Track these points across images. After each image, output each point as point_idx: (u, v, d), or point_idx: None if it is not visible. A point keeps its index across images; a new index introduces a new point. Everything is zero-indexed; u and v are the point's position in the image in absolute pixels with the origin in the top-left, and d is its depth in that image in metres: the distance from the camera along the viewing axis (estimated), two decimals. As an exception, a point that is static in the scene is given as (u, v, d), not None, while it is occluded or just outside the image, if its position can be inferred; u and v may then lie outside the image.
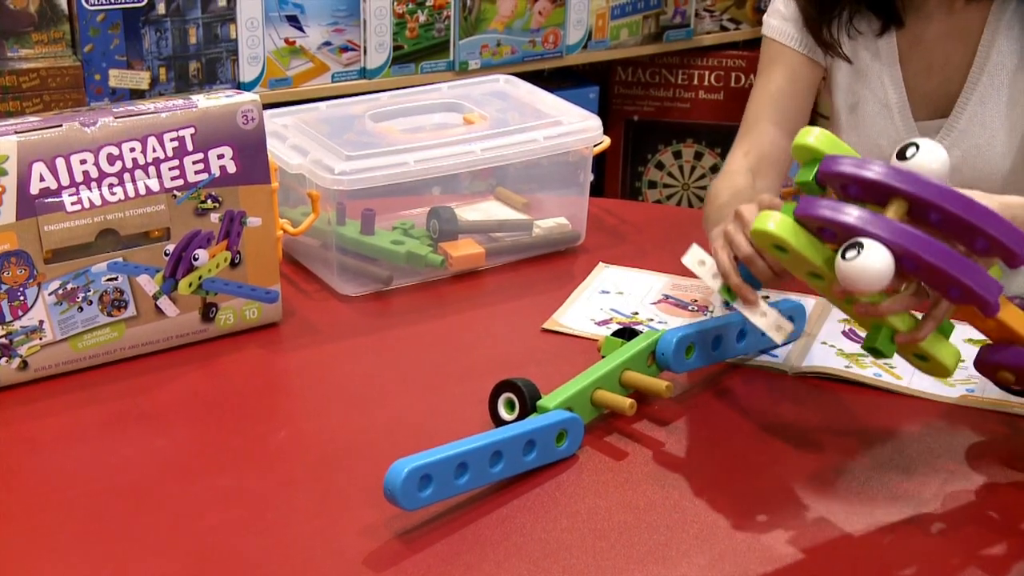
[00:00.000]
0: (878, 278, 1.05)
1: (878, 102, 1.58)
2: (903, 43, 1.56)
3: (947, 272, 1.04)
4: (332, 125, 1.56)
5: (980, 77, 1.52)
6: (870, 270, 1.04)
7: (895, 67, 1.56)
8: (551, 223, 1.61)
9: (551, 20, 2.58)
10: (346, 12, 2.38)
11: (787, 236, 1.11)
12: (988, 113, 1.52)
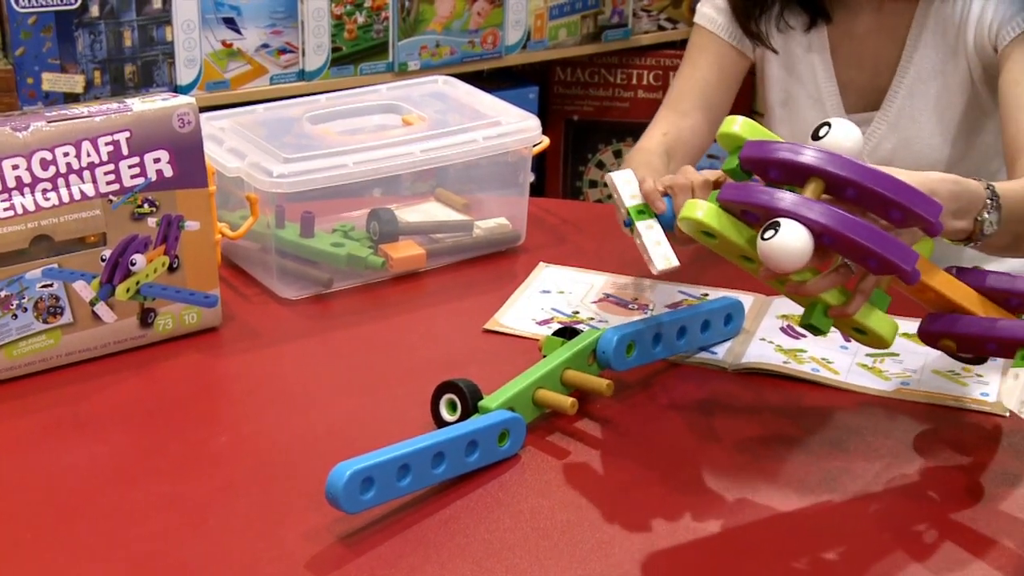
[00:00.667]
0: (797, 256, 1.06)
1: (810, 96, 1.61)
2: (834, 37, 1.58)
3: (861, 243, 1.06)
4: (270, 128, 1.55)
5: (908, 71, 1.55)
6: (788, 248, 1.06)
7: (827, 61, 1.58)
8: (491, 223, 1.61)
9: (489, 21, 2.58)
10: (284, 14, 2.37)
11: (713, 223, 1.13)
12: (917, 106, 1.55)
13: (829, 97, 1.59)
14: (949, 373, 1.31)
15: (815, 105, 1.60)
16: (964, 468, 1.18)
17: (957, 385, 1.29)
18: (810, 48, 1.59)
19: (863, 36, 1.57)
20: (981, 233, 1.23)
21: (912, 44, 1.55)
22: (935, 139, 1.55)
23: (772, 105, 1.65)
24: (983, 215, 1.22)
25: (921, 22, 1.54)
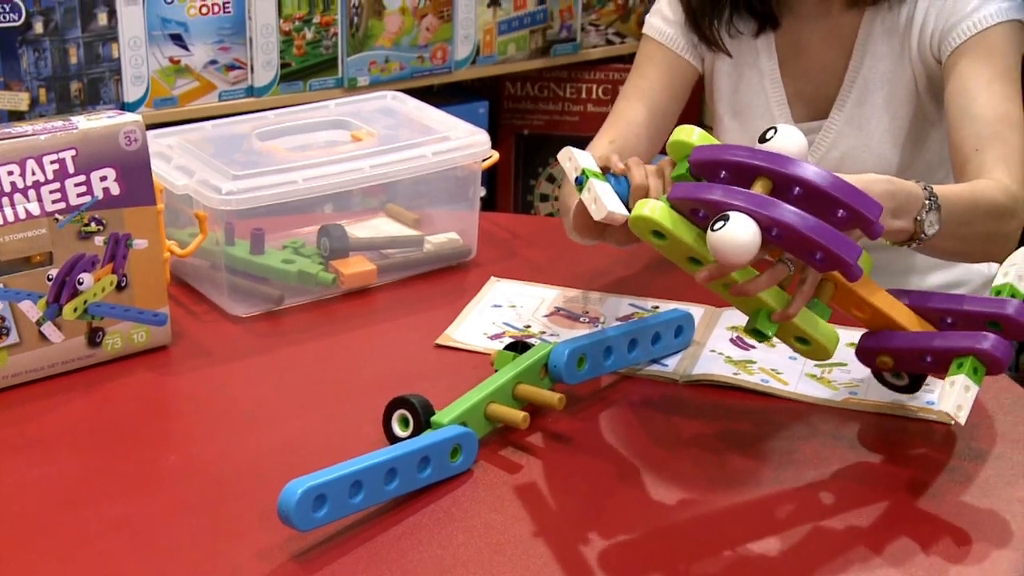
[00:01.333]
0: (745, 247, 1.08)
1: (759, 105, 1.62)
2: (782, 47, 1.60)
3: (809, 236, 1.08)
4: (218, 145, 1.54)
5: (855, 80, 1.57)
6: (737, 239, 1.08)
7: (775, 71, 1.60)
8: (442, 238, 1.61)
9: (439, 36, 2.58)
10: (231, 30, 2.36)
11: (665, 221, 1.14)
12: (865, 114, 1.57)
13: (777, 106, 1.61)
14: (896, 382, 1.32)
15: (763, 115, 1.62)
16: (911, 474, 1.19)
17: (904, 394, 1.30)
18: (758, 58, 1.61)
19: (810, 45, 1.59)
20: (923, 233, 1.25)
21: (860, 53, 1.57)
22: (883, 147, 1.58)
23: (721, 116, 1.67)
24: (922, 215, 1.24)
25: (868, 31, 1.56)
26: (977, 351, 1.16)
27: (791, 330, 1.19)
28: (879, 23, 1.56)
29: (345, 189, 1.50)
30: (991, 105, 1.46)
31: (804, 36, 1.59)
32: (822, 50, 1.59)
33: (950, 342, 1.19)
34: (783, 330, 1.19)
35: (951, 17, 1.51)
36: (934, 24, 1.53)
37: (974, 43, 1.50)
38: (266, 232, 1.52)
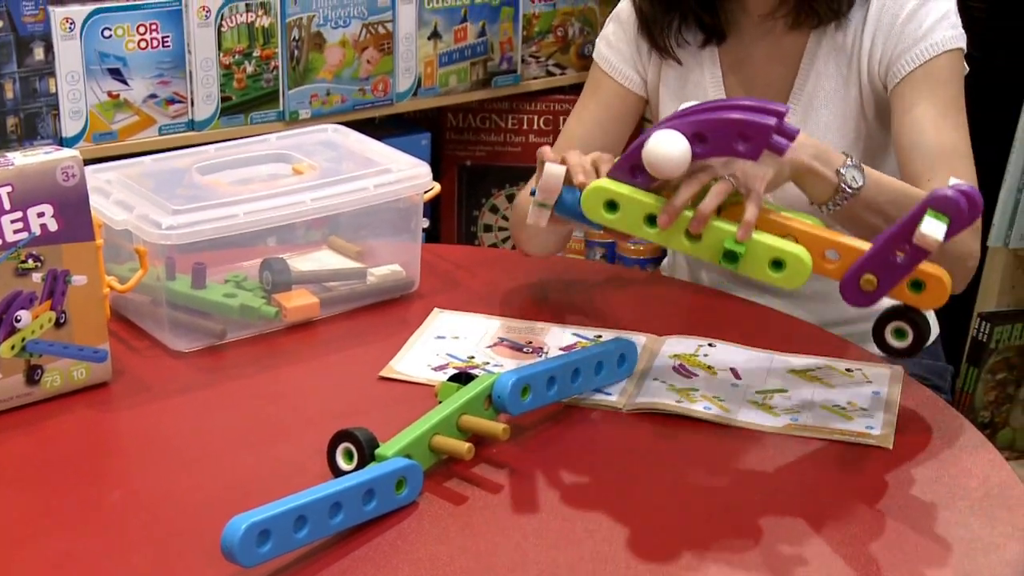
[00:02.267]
0: (674, 149, 1.21)
1: None
2: (726, 61, 1.63)
3: (724, 119, 1.21)
4: (158, 179, 1.53)
5: (800, 97, 1.59)
6: (664, 144, 1.22)
7: (718, 84, 1.62)
8: (385, 270, 1.61)
9: (380, 68, 2.59)
10: (171, 64, 2.35)
11: (614, 187, 1.27)
12: (809, 131, 1.58)
13: None
14: (836, 408, 1.34)
15: None
16: (850, 498, 1.20)
17: (844, 420, 1.32)
18: (703, 70, 1.63)
19: (755, 61, 1.61)
20: (846, 186, 1.33)
21: (805, 71, 1.59)
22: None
23: None
24: (844, 169, 1.33)
25: (814, 50, 1.59)
26: (935, 199, 1.21)
27: (762, 254, 1.24)
28: (825, 43, 1.58)
29: (287, 222, 1.50)
30: (940, 138, 1.49)
31: (749, 52, 1.61)
32: (767, 66, 1.61)
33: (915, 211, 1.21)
34: (754, 259, 1.24)
35: (898, 45, 1.54)
36: (881, 50, 1.55)
37: (921, 73, 1.53)
38: (208, 266, 1.51)
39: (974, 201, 1.22)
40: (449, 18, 2.65)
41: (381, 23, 2.56)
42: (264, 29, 2.42)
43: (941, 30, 1.53)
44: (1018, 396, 2.33)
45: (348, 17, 2.51)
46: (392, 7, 2.56)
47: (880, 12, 1.56)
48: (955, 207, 1.21)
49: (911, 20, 1.54)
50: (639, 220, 1.26)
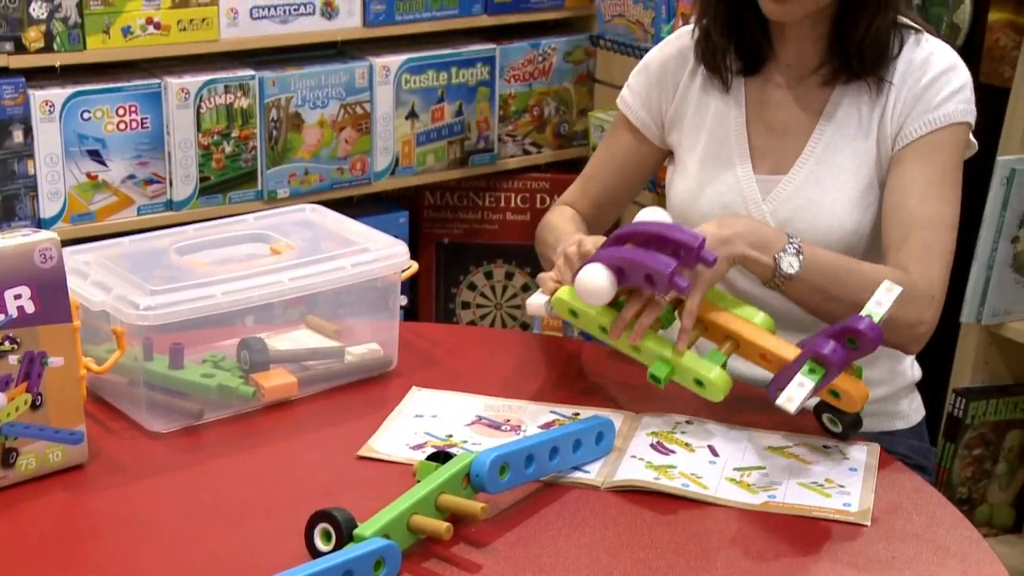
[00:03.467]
0: (597, 283, 1.39)
1: (723, 155, 1.64)
2: (751, 101, 1.65)
3: (627, 260, 1.38)
4: (137, 260, 1.54)
5: (820, 141, 1.61)
6: (588, 278, 1.39)
7: (741, 123, 1.64)
8: (363, 349, 1.61)
9: (358, 148, 2.61)
10: (150, 145, 2.37)
11: (574, 301, 1.44)
12: (823, 172, 1.60)
13: (739, 156, 1.63)
14: (814, 485, 1.34)
15: (725, 163, 1.64)
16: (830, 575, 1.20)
17: (821, 497, 1.32)
18: (727, 108, 1.65)
19: (779, 105, 1.64)
20: (780, 271, 1.45)
21: (827, 117, 1.62)
22: (836, 207, 1.60)
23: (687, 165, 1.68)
24: (781, 254, 1.44)
25: (837, 100, 1.62)
26: (813, 353, 1.33)
27: (686, 373, 1.41)
28: (850, 94, 1.61)
29: (265, 302, 1.51)
30: (923, 207, 1.52)
31: (774, 95, 1.65)
32: (790, 111, 1.64)
33: (799, 359, 1.35)
34: (681, 374, 1.41)
35: (914, 108, 1.57)
36: (900, 109, 1.58)
37: (924, 141, 1.56)
38: (186, 346, 1.51)
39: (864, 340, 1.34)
40: (426, 98, 2.69)
41: (359, 103, 2.59)
42: (243, 110, 2.45)
43: (954, 103, 1.57)
44: (995, 472, 2.34)
45: (326, 98, 2.54)
46: (370, 88, 2.59)
47: (906, 72, 1.59)
48: (828, 362, 1.33)
49: (931, 86, 1.57)
50: (595, 328, 1.45)
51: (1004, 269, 2.18)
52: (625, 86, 1.76)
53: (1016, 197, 2.14)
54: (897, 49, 1.59)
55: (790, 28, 1.60)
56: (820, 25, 1.59)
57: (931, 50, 1.60)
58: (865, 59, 1.58)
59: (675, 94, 1.70)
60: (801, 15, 1.56)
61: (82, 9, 2.27)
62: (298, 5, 2.49)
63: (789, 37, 1.62)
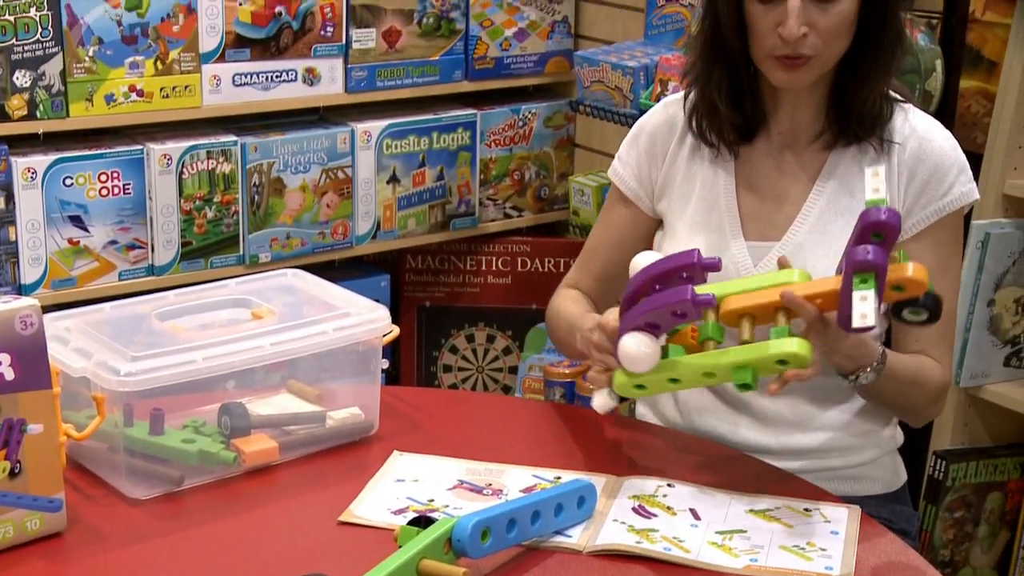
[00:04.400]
0: (642, 351, 1.38)
1: (714, 221, 1.63)
2: (742, 167, 1.65)
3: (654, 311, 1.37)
4: (117, 326, 1.54)
5: (813, 209, 1.61)
6: (632, 349, 1.38)
7: (731, 190, 1.64)
8: (344, 414, 1.61)
9: (339, 212, 2.63)
10: (132, 210, 2.38)
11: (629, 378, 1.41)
12: (816, 240, 1.60)
13: (730, 223, 1.63)
14: (795, 548, 1.34)
15: (716, 229, 1.64)
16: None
17: (803, 560, 1.32)
18: (716, 175, 1.65)
19: (771, 171, 1.64)
20: (855, 378, 1.47)
21: (820, 186, 1.62)
22: (831, 272, 1.58)
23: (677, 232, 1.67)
24: (865, 371, 1.47)
25: (831, 170, 1.62)
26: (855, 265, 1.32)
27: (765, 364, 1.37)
28: (843, 164, 1.62)
29: (246, 367, 1.51)
30: None
31: (765, 161, 1.65)
32: (781, 177, 1.64)
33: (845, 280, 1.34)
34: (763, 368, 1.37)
35: (918, 202, 1.59)
36: (902, 197, 1.59)
37: (933, 228, 1.58)
38: (166, 412, 1.51)
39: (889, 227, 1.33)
40: (408, 163, 2.71)
41: (340, 168, 2.60)
42: (225, 175, 2.46)
43: (959, 187, 1.59)
44: (976, 535, 2.34)
45: (308, 163, 2.56)
46: (351, 153, 2.61)
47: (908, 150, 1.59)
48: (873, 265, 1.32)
49: (935, 173, 1.58)
50: (666, 385, 1.42)
51: (981, 332, 2.20)
52: (616, 157, 1.75)
53: (991, 260, 2.16)
54: (890, 112, 1.60)
55: (786, 95, 1.60)
56: (817, 92, 1.60)
57: (926, 129, 1.61)
58: (865, 123, 1.58)
59: (664, 162, 1.69)
60: (809, 82, 1.56)
61: (65, 77, 2.29)
62: (280, 72, 2.52)
63: (784, 104, 1.61)
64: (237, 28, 2.45)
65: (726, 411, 1.64)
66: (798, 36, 1.50)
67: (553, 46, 2.87)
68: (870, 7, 1.53)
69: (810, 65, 1.53)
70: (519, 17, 2.81)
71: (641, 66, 2.44)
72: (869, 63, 1.55)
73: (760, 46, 1.54)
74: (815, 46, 1.51)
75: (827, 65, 1.55)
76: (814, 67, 1.54)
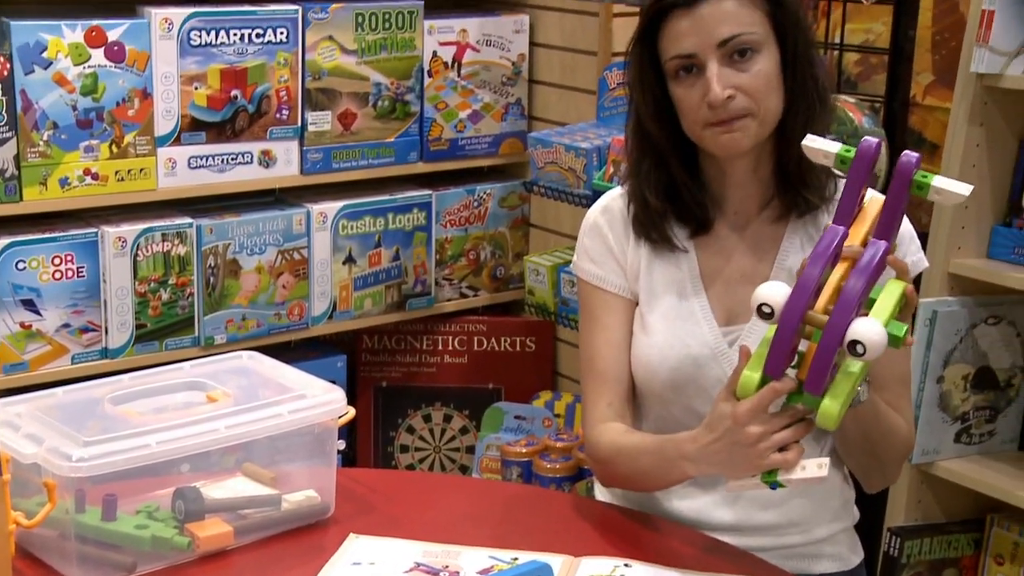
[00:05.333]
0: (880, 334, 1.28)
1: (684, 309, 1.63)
2: (704, 254, 1.65)
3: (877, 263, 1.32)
4: (70, 410, 1.53)
5: None
6: (878, 333, 1.28)
7: (696, 277, 1.64)
8: (300, 496, 1.60)
9: (295, 293, 2.63)
10: (86, 293, 2.37)
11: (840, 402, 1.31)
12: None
13: (701, 310, 1.63)
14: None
15: (688, 318, 1.63)
16: None
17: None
18: (680, 264, 1.65)
19: (732, 252, 1.65)
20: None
21: (781, 260, 1.63)
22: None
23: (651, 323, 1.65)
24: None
25: (791, 238, 1.63)
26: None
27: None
28: (800, 233, 1.63)
29: (200, 451, 1.50)
30: (894, 364, 1.57)
31: (725, 243, 1.65)
32: (743, 257, 1.64)
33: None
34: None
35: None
36: None
37: None
38: (120, 497, 1.49)
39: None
40: (363, 243, 2.72)
41: (296, 249, 2.61)
42: (180, 257, 2.46)
43: (911, 254, 1.61)
44: (933, 610, 2.34)
45: (264, 244, 2.56)
46: (307, 234, 2.62)
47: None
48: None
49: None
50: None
51: (932, 409, 2.22)
52: (583, 259, 1.69)
53: (940, 338, 2.19)
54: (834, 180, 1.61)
55: (732, 174, 1.61)
56: (760, 166, 1.61)
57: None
58: (809, 184, 1.60)
59: (627, 254, 1.67)
60: (749, 144, 1.56)
61: (19, 162, 2.29)
62: (236, 154, 2.53)
63: (732, 184, 1.62)
64: (193, 112, 2.47)
65: (688, 488, 1.64)
66: (723, 98, 1.51)
67: (507, 128, 2.90)
68: (788, 66, 1.55)
69: (745, 123, 1.54)
70: (473, 99, 2.84)
71: (594, 147, 2.47)
72: (796, 122, 1.57)
73: (694, 122, 1.55)
74: (743, 106, 1.53)
75: (764, 123, 1.56)
76: (750, 126, 1.54)
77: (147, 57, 2.38)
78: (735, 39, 1.52)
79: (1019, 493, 2.14)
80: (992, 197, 2.20)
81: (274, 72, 2.53)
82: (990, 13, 2.03)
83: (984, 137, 2.16)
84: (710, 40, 1.51)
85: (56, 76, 2.30)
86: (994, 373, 2.26)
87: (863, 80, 2.54)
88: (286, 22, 2.53)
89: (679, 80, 1.55)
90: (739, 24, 1.52)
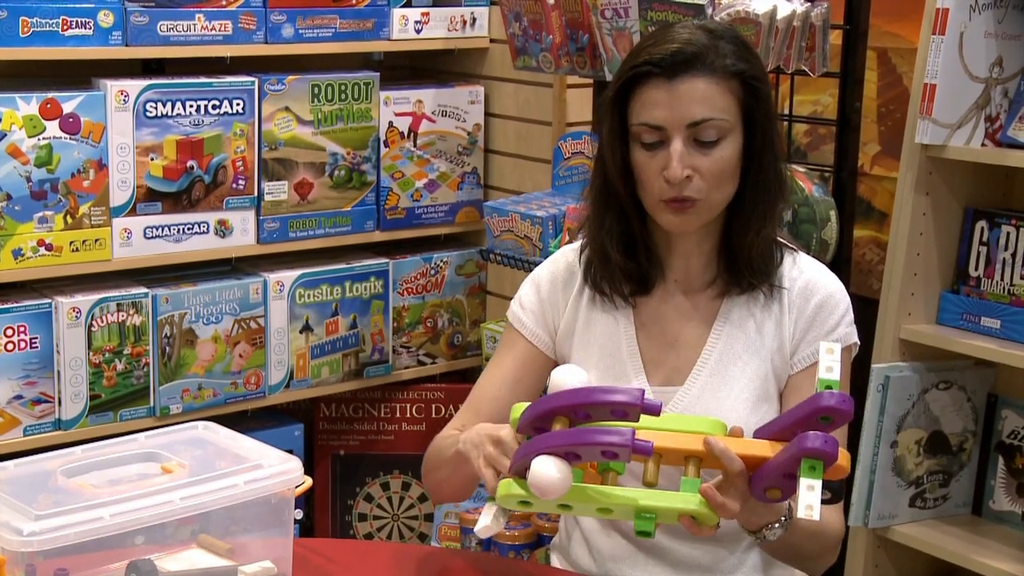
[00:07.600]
0: (555, 479, 1.31)
1: (617, 368, 1.65)
2: (641, 315, 1.67)
3: (580, 444, 1.32)
4: (21, 484, 1.51)
5: (712, 353, 1.63)
6: (544, 475, 1.31)
7: (632, 338, 1.66)
8: (256, 568, 1.58)
9: (252, 362, 2.62)
10: (39, 364, 2.35)
11: (518, 490, 1.37)
12: (717, 382, 1.62)
13: (634, 370, 1.65)
14: None
15: (620, 377, 1.65)
16: None
17: None
18: (617, 324, 1.67)
19: (669, 318, 1.66)
20: (762, 535, 1.47)
21: (718, 330, 1.65)
22: (734, 414, 1.61)
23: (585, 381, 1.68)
24: (772, 528, 1.47)
25: (726, 315, 1.65)
26: (805, 451, 1.30)
27: (669, 515, 1.37)
28: (738, 307, 1.65)
29: (155, 523, 1.48)
30: None
31: (663, 308, 1.67)
32: (680, 323, 1.66)
33: (784, 455, 1.34)
34: (665, 517, 1.37)
35: (804, 338, 1.63)
36: (791, 339, 1.63)
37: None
38: (72, 571, 1.47)
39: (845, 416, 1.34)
40: (320, 312, 2.72)
41: (253, 318, 2.61)
42: (135, 327, 2.45)
43: (842, 327, 1.63)
44: (892, 671, 2.35)
45: (220, 313, 2.56)
46: (264, 303, 2.62)
47: (795, 290, 1.64)
48: (825, 455, 1.31)
49: (820, 311, 1.63)
50: (553, 507, 1.38)
51: (886, 473, 2.24)
52: (515, 302, 1.76)
53: (892, 403, 2.22)
54: (779, 258, 1.65)
55: (679, 245, 1.64)
56: (707, 241, 1.63)
57: (814, 271, 1.66)
58: (755, 269, 1.62)
59: (565, 309, 1.71)
60: (697, 226, 1.59)
61: (-27, 231, 2.28)
62: (192, 224, 2.53)
63: (677, 253, 1.65)
64: (148, 182, 2.47)
65: (641, 558, 1.64)
66: (681, 178, 1.53)
67: (463, 196, 2.93)
68: (752, 155, 1.58)
69: (697, 208, 1.56)
70: (429, 169, 2.87)
71: (549, 216, 2.50)
72: (753, 211, 1.60)
73: (649, 191, 1.58)
74: (700, 189, 1.55)
75: (714, 210, 1.59)
76: (701, 211, 1.57)
77: (103, 128, 2.39)
78: (705, 123, 1.54)
79: (974, 558, 2.15)
80: (940, 264, 2.23)
81: (230, 143, 2.54)
82: (932, 86, 2.08)
83: (930, 206, 2.20)
84: (681, 118, 1.54)
85: (10, 148, 2.30)
86: (946, 437, 2.28)
87: (812, 150, 2.59)
88: (242, 93, 2.55)
89: (642, 147, 1.57)
90: (712, 108, 1.54)
